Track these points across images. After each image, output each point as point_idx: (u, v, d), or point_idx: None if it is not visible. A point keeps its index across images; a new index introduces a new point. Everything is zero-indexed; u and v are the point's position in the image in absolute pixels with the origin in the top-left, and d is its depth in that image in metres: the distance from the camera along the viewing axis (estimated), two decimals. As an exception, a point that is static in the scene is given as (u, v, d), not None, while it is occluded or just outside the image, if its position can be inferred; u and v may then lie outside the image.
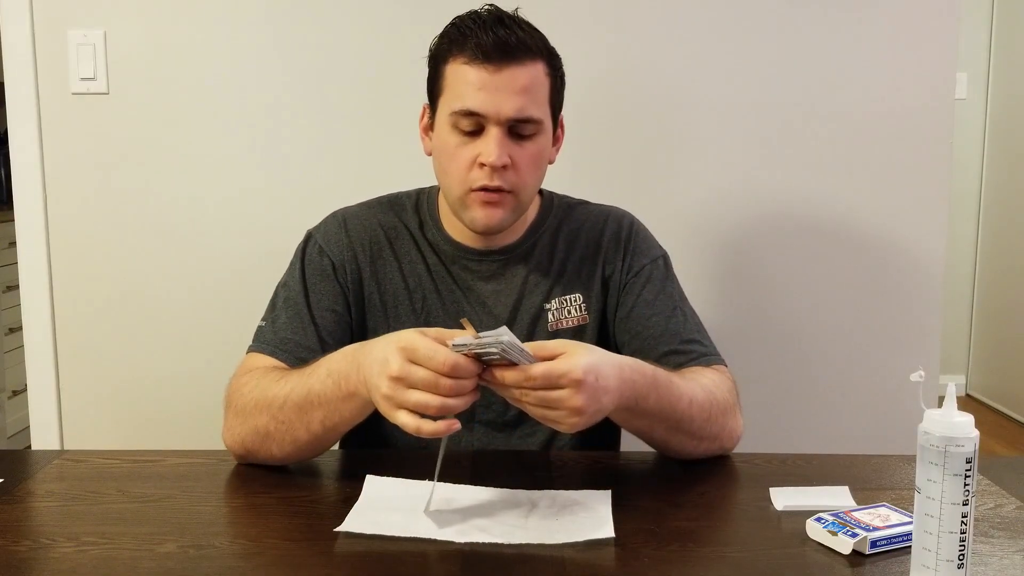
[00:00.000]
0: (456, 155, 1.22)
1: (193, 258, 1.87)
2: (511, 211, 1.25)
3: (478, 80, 1.19)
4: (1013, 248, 3.93)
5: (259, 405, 1.13)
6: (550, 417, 0.98)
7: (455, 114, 1.21)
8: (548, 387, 0.96)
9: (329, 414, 1.09)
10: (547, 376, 0.96)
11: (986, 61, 4.09)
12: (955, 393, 0.83)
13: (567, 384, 0.96)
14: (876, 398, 1.90)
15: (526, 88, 1.20)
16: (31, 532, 1.01)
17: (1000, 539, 0.98)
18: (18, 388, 3.18)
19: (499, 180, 1.21)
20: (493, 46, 1.18)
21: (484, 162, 1.20)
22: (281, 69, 1.83)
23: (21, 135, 1.83)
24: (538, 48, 1.22)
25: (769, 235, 1.87)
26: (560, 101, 1.29)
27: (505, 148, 1.20)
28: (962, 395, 4.23)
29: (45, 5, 1.80)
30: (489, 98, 1.18)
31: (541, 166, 1.27)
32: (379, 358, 0.98)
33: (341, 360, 1.07)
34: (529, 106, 1.20)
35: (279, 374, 1.16)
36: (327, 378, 1.07)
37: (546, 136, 1.26)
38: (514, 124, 1.21)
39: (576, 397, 0.96)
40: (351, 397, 1.05)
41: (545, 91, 1.23)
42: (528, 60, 1.20)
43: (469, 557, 0.93)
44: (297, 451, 1.14)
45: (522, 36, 1.20)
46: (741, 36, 1.82)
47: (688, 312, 1.34)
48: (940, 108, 1.84)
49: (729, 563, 0.94)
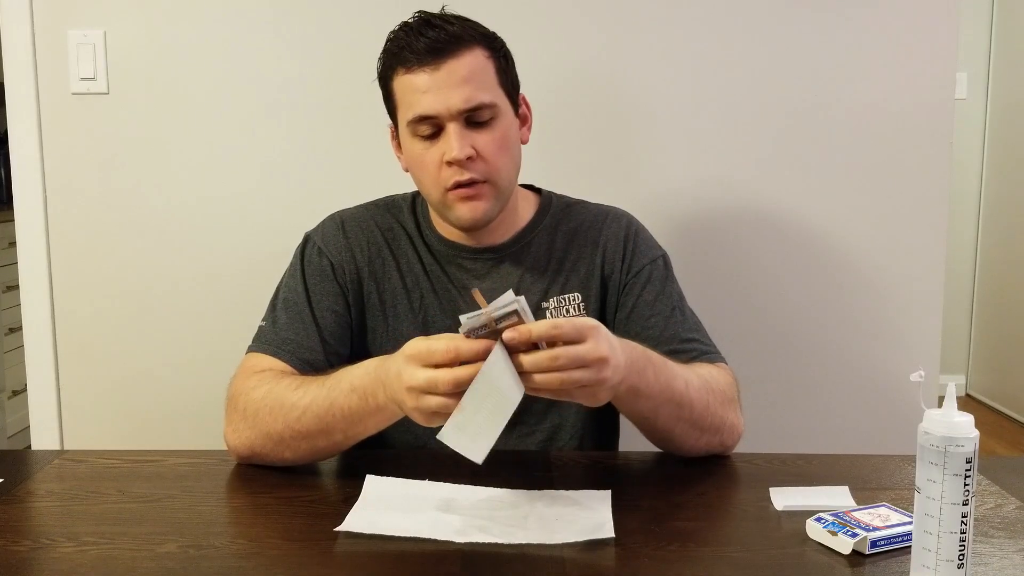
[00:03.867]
0: (424, 161, 1.24)
1: (193, 258, 1.86)
2: (492, 200, 1.25)
3: (422, 84, 1.21)
4: (1013, 248, 3.93)
5: (273, 411, 1.13)
6: (575, 380, 0.97)
7: (411, 123, 1.23)
8: (571, 341, 0.96)
9: (353, 426, 1.09)
10: (574, 326, 0.95)
11: (986, 61, 4.09)
12: (955, 393, 0.83)
13: (589, 336, 0.96)
14: (876, 398, 1.90)
15: (468, 77, 1.21)
16: (31, 532, 1.01)
17: (1000, 539, 0.98)
18: (18, 388, 3.19)
19: (469, 172, 1.22)
20: (426, 48, 1.20)
21: (449, 159, 1.21)
22: (281, 69, 1.83)
23: (21, 135, 1.83)
24: (470, 36, 1.23)
25: (769, 235, 1.87)
26: (513, 80, 1.29)
27: (466, 140, 1.21)
28: (962, 395, 4.23)
29: (45, 5, 1.80)
30: (435, 98, 1.20)
31: (509, 149, 1.27)
32: (395, 375, 1.00)
33: (364, 376, 1.07)
34: (476, 93, 1.21)
35: (293, 381, 1.15)
36: (351, 393, 1.07)
37: (506, 118, 1.26)
38: (468, 114, 1.21)
39: (600, 347, 0.96)
40: (379, 411, 1.06)
41: (491, 74, 1.24)
42: (462, 50, 1.21)
43: (469, 557, 0.93)
44: (313, 456, 1.15)
45: (452, 30, 1.21)
46: (740, 36, 1.82)
47: (688, 312, 1.34)
48: (940, 108, 1.84)
49: (729, 563, 0.94)
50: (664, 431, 1.17)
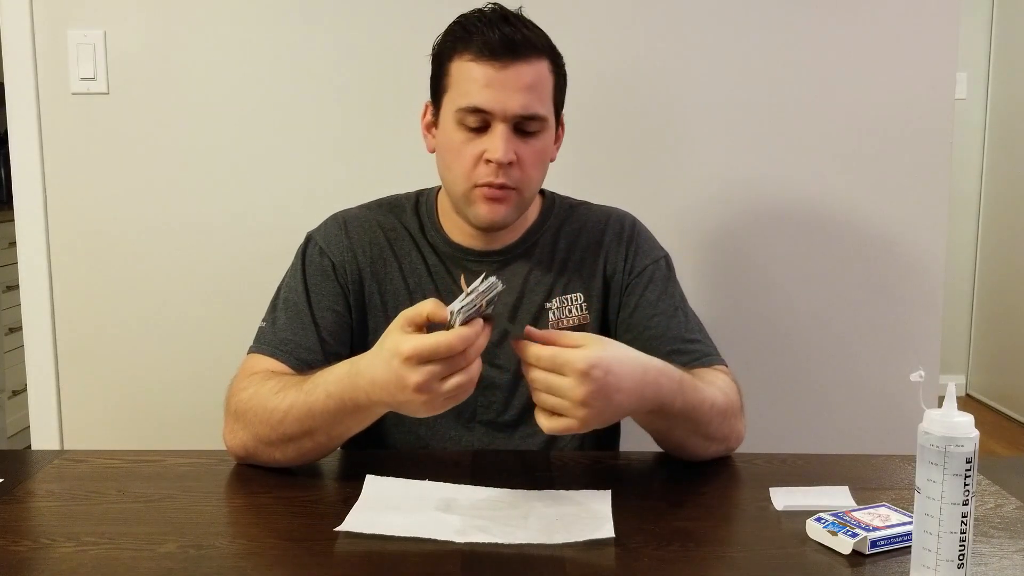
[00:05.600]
0: (461, 151, 1.23)
1: (193, 258, 1.87)
2: (514, 208, 1.25)
3: (484, 77, 1.19)
4: (1013, 248, 3.93)
5: (258, 414, 1.13)
6: (554, 405, 0.98)
7: (461, 111, 1.21)
8: (552, 370, 0.97)
9: (334, 427, 1.09)
10: (552, 360, 0.97)
11: (986, 61, 4.09)
12: (955, 393, 0.83)
13: (570, 373, 0.96)
14: (876, 398, 1.90)
15: (531, 85, 1.20)
16: (31, 532, 1.01)
17: (1000, 539, 0.98)
18: (18, 388, 3.18)
19: (504, 177, 1.21)
20: (499, 43, 1.19)
21: (491, 158, 1.20)
22: (281, 69, 1.83)
23: (21, 135, 1.83)
24: (543, 46, 1.23)
25: (769, 235, 1.87)
26: (562, 99, 1.30)
27: (511, 145, 1.21)
28: (962, 395, 4.23)
29: (45, 5, 1.80)
30: (495, 95, 1.19)
31: (544, 164, 1.28)
32: (392, 379, 0.97)
33: (338, 382, 1.06)
34: (534, 103, 1.21)
35: (276, 384, 1.15)
36: (328, 400, 1.07)
37: (549, 134, 1.26)
38: (520, 121, 1.21)
39: (578, 388, 0.96)
40: (357, 411, 1.06)
41: (549, 89, 1.24)
42: (533, 58, 1.21)
43: (469, 557, 0.93)
44: (302, 457, 1.14)
45: (527, 34, 1.21)
46: (741, 36, 1.82)
47: (690, 313, 1.34)
48: (940, 108, 1.84)
49: (729, 563, 0.94)
50: (677, 443, 1.18)
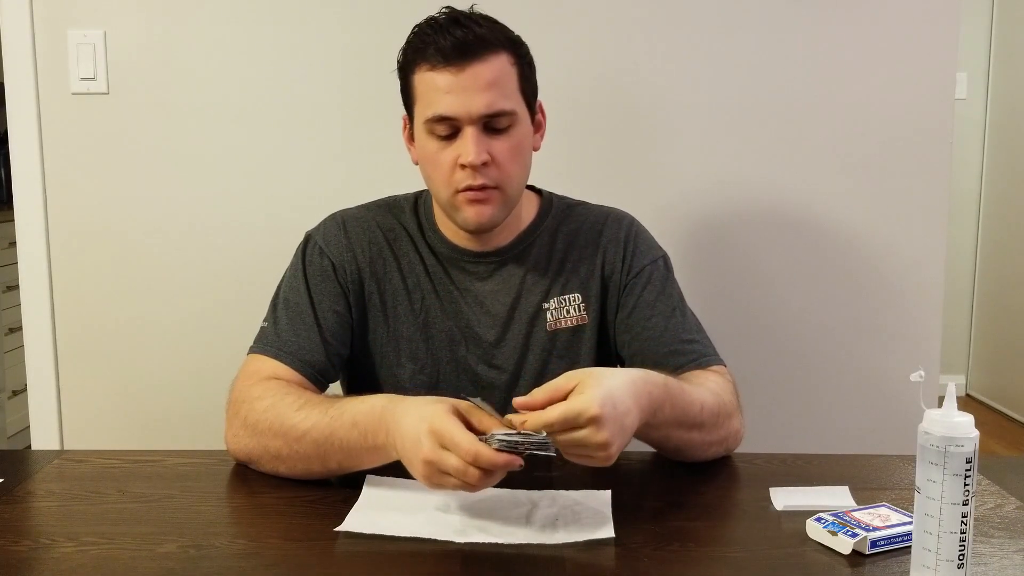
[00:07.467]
0: (437, 160, 1.23)
1: (193, 258, 1.86)
2: (500, 206, 1.25)
3: (444, 84, 1.19)
4: (1013, 248, 3.92)
5: (274, 428, 1.12)
6: (583, 455, 0.96)
7: (429, 121, 1.22)
8: (569, 428, 0.94)
9: (349, 458, 1.09)
10: (564, 418, 0.94)
11: (986, 61, 4.09)
12: (955, 393, 0.83)
13: (585, 423, 0.94)
14: (876, 398, 1.90)
15: (492, 83, 1.20)
16: (31, 532, 1.01)
17: (1000, 539, 0.98)
18: (18, 388, 3.18)
19: (482, 178, 1.21)
20: (452, 48, 1.19)
21: (464, 163, 1.20)
22: (281, 69, 1.83)
23: (21, 135, 1.83)
24: (498, 40, 1.22)
25: (769, 235, 1.87)
26: (533, 87, 1.29)
27: (483, 145, 1.20)
28: (962, 395, 4.23)
29: (45, 5, 1.80)
30: (457, 100, 1.19)
31: (523, 157, 1.27)
32: (411, 436, 0.98)
33: (369, 414, 1.06)
34: (498, 100, 1.20)
35: (297, 399, 1.14)
36: (352, 428, 1.06)
37: (523, 126, 1.25)
38: (488, 120, 1.21)
39: (600, 433, 0.94)
40: (376, 450, 1.06)
41: (513, 81, 1.23)
42: (489, 54, 1.20)
43: (469, 557, 0.93)
44: (307, 476, 1.14)
45: (480, 32, 1.20)
46: (740, 35, 1.82)
47: (688, 313, 1.34)
48: (940, 108, 1.84)
49: (729, 563, 0.94)
50: (674, 449, 1.17)
